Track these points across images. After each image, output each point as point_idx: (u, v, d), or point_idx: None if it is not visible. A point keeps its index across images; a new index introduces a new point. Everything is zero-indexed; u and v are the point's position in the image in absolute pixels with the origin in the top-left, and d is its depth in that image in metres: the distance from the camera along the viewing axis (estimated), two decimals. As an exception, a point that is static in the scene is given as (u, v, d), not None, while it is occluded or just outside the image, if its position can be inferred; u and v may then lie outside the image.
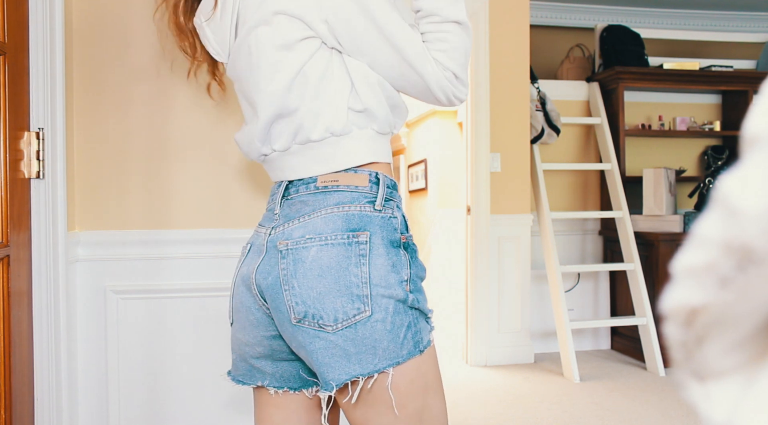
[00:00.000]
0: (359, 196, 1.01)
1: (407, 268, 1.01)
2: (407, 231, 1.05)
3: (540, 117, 3.91)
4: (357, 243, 0.98)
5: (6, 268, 1.44)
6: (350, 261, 0.97)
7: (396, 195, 1.07)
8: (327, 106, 1.01)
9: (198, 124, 1.86)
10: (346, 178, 1.02)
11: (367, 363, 0.96)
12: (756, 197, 0.32)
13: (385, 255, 0.98)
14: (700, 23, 4.79)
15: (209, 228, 1.86)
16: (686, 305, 0.37)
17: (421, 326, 1.01)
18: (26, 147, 1.54)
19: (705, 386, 0.39)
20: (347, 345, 0.96)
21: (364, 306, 0.96)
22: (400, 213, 1.06)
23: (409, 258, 1.02)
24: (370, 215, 1.00)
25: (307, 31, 1.00)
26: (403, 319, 0.98)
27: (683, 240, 2.83)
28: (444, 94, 1.04)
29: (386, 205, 1.03)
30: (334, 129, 1.02)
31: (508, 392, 3.29)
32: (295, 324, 0.98)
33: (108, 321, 1.81)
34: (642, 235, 3.89)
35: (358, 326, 0.95)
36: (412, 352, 0.98)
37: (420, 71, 1.01)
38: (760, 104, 0.35)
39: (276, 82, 1.01)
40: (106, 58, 1.81)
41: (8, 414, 1.43)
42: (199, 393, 1.86)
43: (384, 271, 0.97)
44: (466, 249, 3.86)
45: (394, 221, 1.03)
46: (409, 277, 1.01)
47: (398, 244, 1.02)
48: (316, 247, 0.98)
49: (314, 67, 1.01)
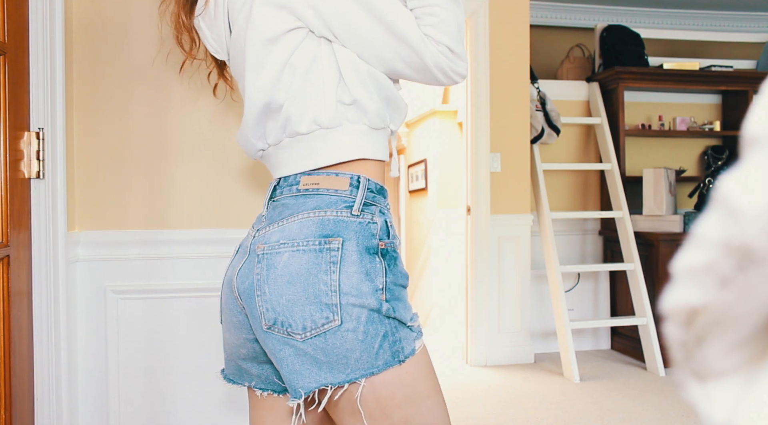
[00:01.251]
0: (338, 200, 0.98)
1: (382, 276, 0.96)
2: (389, 238, 1.01)
3: (540, 117, 3.91)
4: (328, 250, 0.94)
5: (6, 268, 1.44)
6: (320, 269, 0.93)
7: (380, 199, 1.03)
8: (314, 98, 0.98)
9: (198, 123, 1.86)
10: (327, 182, 0.99)
11: (339, 372, 0.94)
12: (756, 197, 0.32)
13: (358, 263, 0.95)
14: (700, 23, 4.79)
15: (209, 228, 1.86)
16: (686, 305, 0.37)
17: (402, 335, 0.97)
18: (26, 147, 1.54)
19: (705, 386, 0.39)
20: (317, 353, 0.93)
21: (333, 315, 0.92)
22: (383, 219, 1.01)
23: (385, 266, 0.98)
24: (346, 220, 0.97)
25: (293, 21, 0.98)
26: (377, 329, 0.94)
27: (683, 240, 2.83)
28: (441, 70, 1.01)
29: (366, 209, 0.99)
30: (321, 121, 0.99)
31: (508, 392, 3.29)
32: (266, 331, 0.97)
33: (108, 321, 1.81)
34: (642, 235, 3.89)
35: (328, 335, 0.93)
36: (389, 362, 0.95)
37: (415, 48, 0.98)
38: (760, 104, 0.35)
39: (262, 77, 1.00)
40: (106, 58, 1.81)
41: (8, 414, 1.43)
42: (199, 392, 1.86)
43: (356, 279, 0.94)
44: (466, 250, 3.86)
45: (373, 227, 0.98)
46: (384, 286, 0.96)
47: (375, 251, 0.97)
48: (288, 253, 0.95)
49: (301, 58, 0.98)
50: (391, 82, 1.04)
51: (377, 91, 1.01)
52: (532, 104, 3.90)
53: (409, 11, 0.99)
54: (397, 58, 0.99)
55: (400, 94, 1.07)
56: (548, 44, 4.52)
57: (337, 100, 0.99)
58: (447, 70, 1.01)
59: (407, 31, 0.98)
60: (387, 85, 1.02)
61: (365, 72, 1.00)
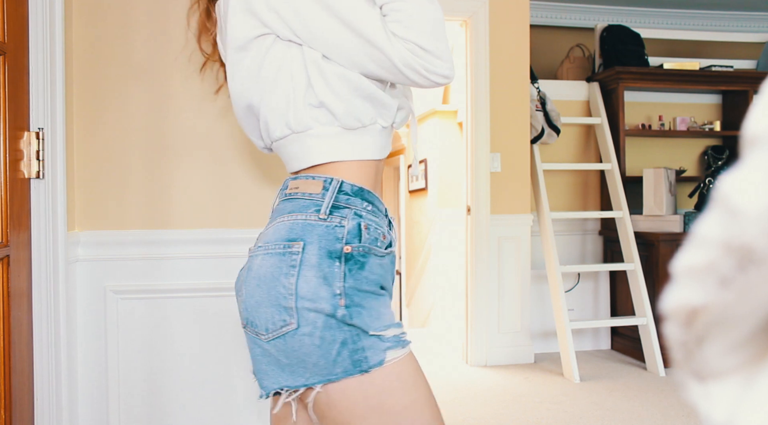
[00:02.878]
0: (310, 203, 0.98)
1: (341, 281, 0.94)
2: (360, 241, 0.97)
3: (540, 117, 3.91)
4: (290, 254, 0.95)
5: (6, 268, 1.44)
6: (281, 272, 0.95)
7: (357, 201, 1.00)
8: (284, 103, 0.98)
9: (198, 124, 1.86)
10: (305, 185, 1.00)
11: (298, 376, 0.95)
12: (756, 197, 0.32)
13: (316, 267, 0.94)
14: (700, 23, 4.79)
15: (209, 228, 1.86)
16: (686, 305, 0.37)
17: (366, 344, 0.94)
18: (26, 147, 1.54)
19: (705, 386, 0.39)
20: (279, 355, 0.95)
21: (290, 318, 0.93)
22: (355, 222, 0.98)
23: (345, 270, 0.95)
24: (313, 224, 0.96)
25: (260, 27, 0.98)
26: (335, 335, 0.93)
27: (683, 241, 2.83)
28: (413, 70, 0.95)
29: (334, 212, 0.97)
30: (291, 126, 0.99)
31: (508, 392, 3.29)
32: (243, 329, 1.02)
33: (108, 321, 1.81)
34: (642, 235, 3.89)
35: (287, 338, 0.94)
36: (349, 371, 0.93)
37: (380, 47, 0.94)
38: (760, 104, 0.35)
39: (237, 82, 1.03)
40: (106, 58, 1.81)
41: (8, 414, 1.43)
42: (199, 392, 1.86)
43: (313, 284, 0.93)
44: (466, 249, 3.86)
45: (339, 231, 0.96)
46: (343, 291, 0.94)
47: (337, 255, 0.95)
48: (261, 256, 0.98)
49: (271, 64, 0.99)
50: (369, 80, 0.99)
51: (351, 91, 0.98)
52: (532, 104, 3.90)
53: (373, 10, 0.96)
54: (367, 60, 0.96)
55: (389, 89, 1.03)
56: (548, 44, 4.52)
57: (307, 103, 0.98)
58: (420, 70, 0.95)
59: (370, 31, 0.94)
60: (363, 84, 0.98)
61: (332, 73, 0.97)
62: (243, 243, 1.76)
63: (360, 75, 0.98)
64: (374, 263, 0.99)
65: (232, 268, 1.72)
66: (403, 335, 0.99)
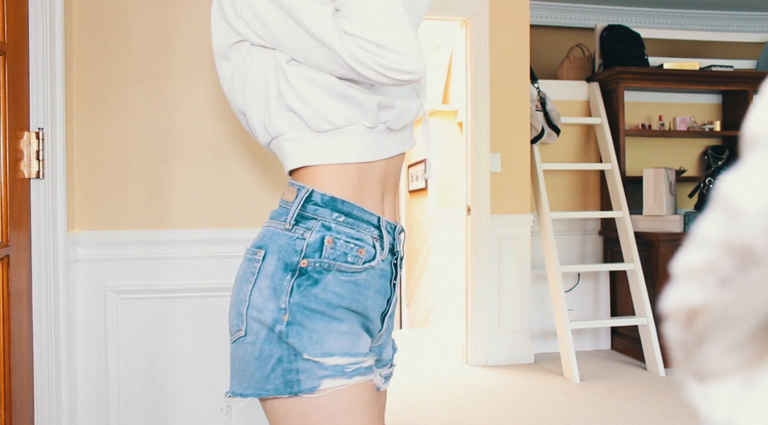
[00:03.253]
0: (284, 211, 0.97)
1: (287, 296, 0.91)
2: (319, 256, 0.92)
3: (540, 117, 3.91)
4: (254, 261, 0.95)
5: (6, 268, 1.44)
6: (245, 278, 0.95)
7: (325, 212, 0.94)
8: (262, 109, 0.97)
9: (198, 123, 1.86)
10: (287, 192, 0.99)
11: (239, 384, 0.94)
12: (756, 197, 0.32)
13: (269, 278, 0.92)
14: (700, 23, 4.79)
15: (209, 228, 1.86)
16: (686, 305, 0.37)
17: (301, 367, 0.89)
18: (26, 147, 1.54)
19: (705, 386, 0.39)
20: (233, 359, 0.96)
21: (241, 324, 0.93)
22: (318, 236, 0.93)
23: (293, 285, 0.91)
24: (279, 233, 0.94)
25: (234, 35, 0.97)
26: (273, 350, 0.90)
27: (683, 241, 2.83)
28: (366, 67, 0.88)
29: (300, 223, 0.94)
30: (269, 130, 0.98)
31: (508, 392, 3.29)
32: None
33: (108, 321, 1.81)
34: (642, 235, 3.89)
35: (237, 344, 0.94)
36: (279, 390, 0.89)
37: (330, 45, 0.89)
38: (760, 104, 0.35)
39: (225, 88, 1.02)
40: (106, 58, 1.81)
41: (8, 414, 1.43)
42: (199, 392, 1.86)
43: (264, 294, 0.91)
44: (466, 250, 3.86)
45: (299, 243, 0.92)
46: (287, 306, 0.90)
47: (292, 268, 0.91)
48: (242, 260, 1.00)
49: (247, 71, 0.97)
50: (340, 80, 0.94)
51: (320, 92, 0.93)
52: (532, 104, 3.90)
53: (324, 7, 0.90)
54: (325, 60, 0.91)
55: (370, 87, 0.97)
56: (548, 44, 4.51)
57: (280, 107, 0.96)
58: (374, 66, 0.88)
59: (320, 29, 0.89)
60: (332, 84, 0.93)
61: (298, 76, 0.93)
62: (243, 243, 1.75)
63: (329, 75, 0.93)
64: (334, 281, 0.93)
65: (233, 268, 1.72)
66: (352, 366, 0.92)
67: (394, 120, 0.99)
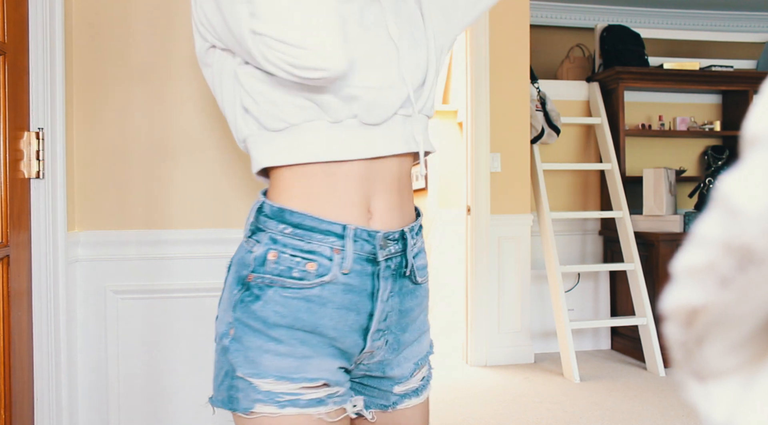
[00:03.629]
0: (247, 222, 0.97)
1: (231, 310, 0.89)
2: (262, 271, 0.88)
3: (540, 117, 3.91)
4: (226, 270, 0.96)
5: (6, 268, 1.44)
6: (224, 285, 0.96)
7: (272, 224, 0.89)
8: (230, 113, 0.96)
9: (198, 123, 1.86)
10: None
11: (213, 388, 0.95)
12: (756, 197, 0.32)
13: (228, 290, 0.93)
14: (700, 23, 4.79)
15: (209, 228, 1.86)
16: (686, 305, 0.37)
17: (239, 384, 0.87)
18: (26, 147, 1.54)
19: (705, 386, 0.39)
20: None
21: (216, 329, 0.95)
22: (263, 249, 0.88)
23: (238, 300, 0.89)
24: (241, 244, 0.94)
25: (203, 41, 0.96)
26: (222, 362, 0.90)
27: (683, 241, 2.83)
28: (276, 66, 0.81)
29: (253, 236, 0.92)
30: (237, 135, 0.96)
31: (508, 392, 3.29)
32: None
33: (108, 321, 1.81)
34: (642, 235, 3.89)
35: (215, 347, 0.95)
36: (225, 403, 0.89)
37: (244, 45, 0.84)
38: (760, 104, 0.35)
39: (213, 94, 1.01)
40: (106, 58, 1.81)
41: (8, 414, 1.43)
42: (199, 393, 1.86)
43: (223, 306, 0.93)
44: (466, 249, 3.86)
45: (248, 257, 0.90)
46: (233, 320, 0.89)
47: (242, 282, 0.90)
48: None
49: (218, 76, 0.96)
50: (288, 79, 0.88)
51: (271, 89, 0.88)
52: (532, 104, 3.90)
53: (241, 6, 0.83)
54: (251, 60, 0.86)
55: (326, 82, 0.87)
56: (548, 44, 4.51)
57: (240, 111, 0.93)
58: (283, 65, 0.81)
59: (236, 29, 0.84)
60: (280, 80, 0.86)
61: (248, 76, 0.89)
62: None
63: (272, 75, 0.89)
64: (275, 297, 0.87)
65: (232, 268, 1.72)
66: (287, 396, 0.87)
67: (365, 113, 0.89)
